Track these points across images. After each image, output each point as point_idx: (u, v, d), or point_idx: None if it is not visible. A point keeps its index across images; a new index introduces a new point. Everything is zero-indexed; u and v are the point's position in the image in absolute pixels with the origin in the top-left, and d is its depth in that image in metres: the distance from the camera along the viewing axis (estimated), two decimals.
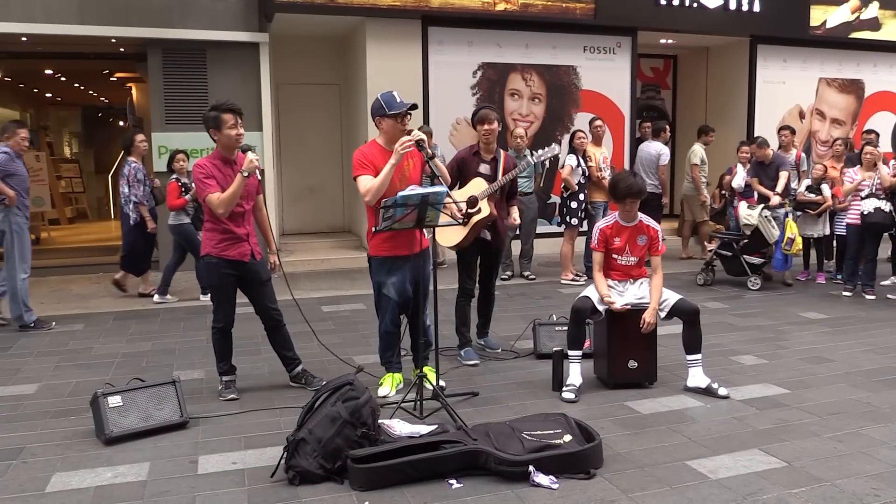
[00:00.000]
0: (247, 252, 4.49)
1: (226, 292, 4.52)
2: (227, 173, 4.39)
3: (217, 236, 4.42)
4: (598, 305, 4.62)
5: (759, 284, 7.96)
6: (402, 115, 4.41)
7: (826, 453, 3.71)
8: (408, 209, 4.00)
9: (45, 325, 6.55)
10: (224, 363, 4.64)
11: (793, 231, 7.93)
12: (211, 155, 4.47)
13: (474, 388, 4.70)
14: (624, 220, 4.74)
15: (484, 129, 5.19)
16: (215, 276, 4.49)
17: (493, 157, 5.26)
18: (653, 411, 4.32)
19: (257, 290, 4.60)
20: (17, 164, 6.45)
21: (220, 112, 4.34)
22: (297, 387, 4.75)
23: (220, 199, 4.29)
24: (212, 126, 4.37)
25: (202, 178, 4.31)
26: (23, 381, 5.03)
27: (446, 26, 9.74)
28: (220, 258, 4.43)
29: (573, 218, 8.21)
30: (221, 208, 4.31)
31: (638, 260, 4.76)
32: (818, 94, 12.17)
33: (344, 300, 7.53)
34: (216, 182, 4.32)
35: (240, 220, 4.45)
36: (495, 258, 5.48)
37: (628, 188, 4.60)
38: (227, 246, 4.43)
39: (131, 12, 8.79)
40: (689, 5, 10.45)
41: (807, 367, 5.19)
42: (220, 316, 4.54)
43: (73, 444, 3.91)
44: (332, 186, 11.38)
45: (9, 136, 6.41)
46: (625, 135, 10.89)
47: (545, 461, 3.43)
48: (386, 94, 4.45)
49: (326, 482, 3.40)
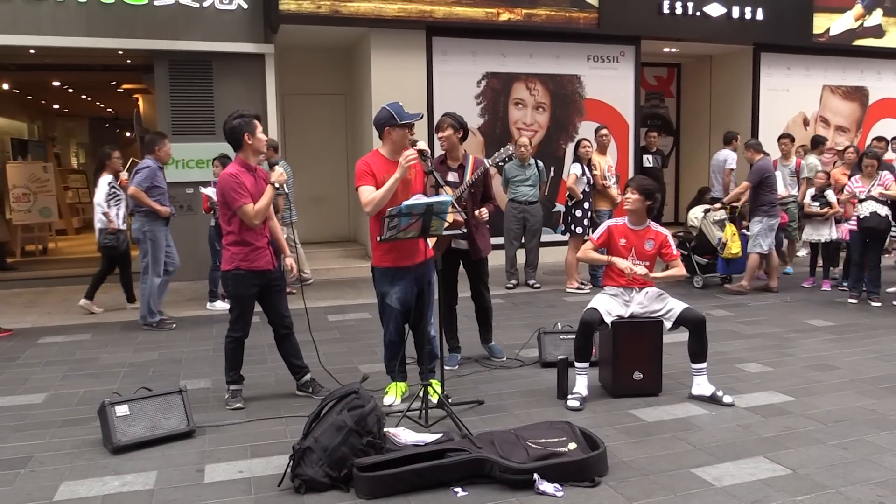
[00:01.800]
0: (269, 260, 4.57)
1: (249, 303, 4.58)
2: (251, 182, 4.43)
3: (244, 249, 4.45)
4: (606, 317, 4.64)
5: (701, 283, 8.46)
6: (412, 125, 4.44)
7: (831, 461, 3.71)
8: (412, 218, 4.02)
9: (167, 324, 6.91)
10: (234, 372, 4.67)
11: (727, 236, 8.15)
12: (235, 163, 4.49)
13: (479, 396, 4.71)
14: (632, 223, 4.76)
15: (438, 136, 5.19)
16: (242, 287, 4.51)
17: (459, 164, 5.20)
18: (657, 419, 4.32)
19: (275, 297, 4.64)
20: (160, 175, 6.92)
21: (252, 117, 4.41)
22: (303, 395, 4.78)
23: (256, 210, 4.37)
24: (246, 130, 4.39)
25: (236, 188, 4.33)
26: (31, 390, 5.06)
27: (450, 36, 9.80)
28: (249, 270, 4.47)
29: (578, 226, 8.22)
30: (257, 219, 4.39)
31: (646, 266, 4.71)
32: (822, 101, 12.18)
33: (350, 309, 7.56)
34: (247, 191, 4.36)
35: (261, 231, 4.52)
36: (477, 268, 5.38)
37: (632, 179, 4.80)
38: (255, 257, 4.48)
39: (138, 24, 8.87)
40: (693, 14, 10.49)
41: (812, 374, 5.19)
42: (240, 325, 4.58)
43: (81, 452, 3.94)
44: (338, 196, 11.43)
45: (158, 147, 6.90)
46: (629, 143, 10.92)
47: (550, 469, 3.44)
48: (393, 103, 4.46)
49: (332, 490, 3.41)
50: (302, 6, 8.88)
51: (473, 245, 5.25)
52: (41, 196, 11.93)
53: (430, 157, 4.38)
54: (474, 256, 5.31)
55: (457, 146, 5.18)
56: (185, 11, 9.02)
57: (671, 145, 13.56)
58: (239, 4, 9.21)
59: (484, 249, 5.34)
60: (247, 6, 9.25)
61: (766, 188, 7.91)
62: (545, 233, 9.15)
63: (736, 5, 10.71)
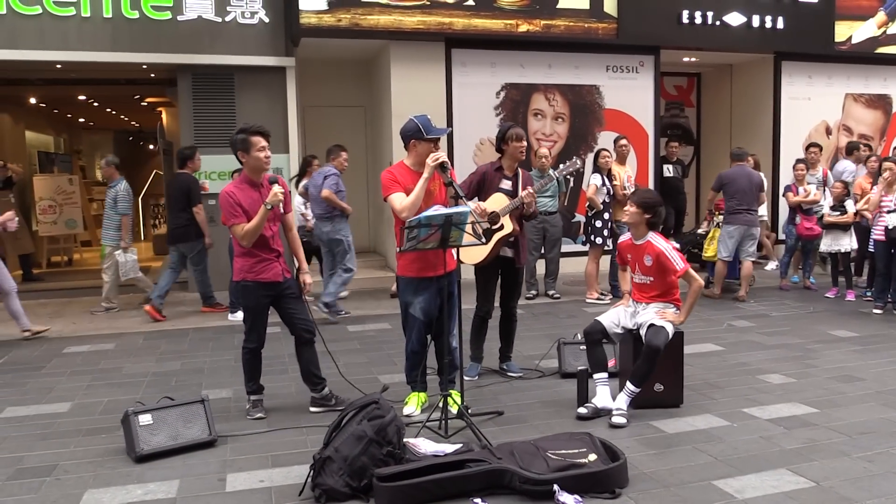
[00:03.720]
0: (279, 272, 4.54)
1: (261, 314, 4.58)
2: (254, 198, 4.44)
3: (249, 260, 4.48)
4: (611, 328, 4.64)
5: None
6: (437, 140, 4.47)
7: (856, 473, 3.66)
8: (431, 229, 4.04)
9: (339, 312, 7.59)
10: (252, 383, 4.68)
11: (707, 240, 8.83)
12: (238, 179, 4.55)
13: (499, 407, 4.71)
14: (633, 237, 4.73)
15: (522, 146, 5.19)
16: (251, 298, 4.54)
17: (514, 174, 5.29)
18: (679, 430, 4.29)
19: (292, 303, 4.62)
20: (341, 181, 7.60)
21: (248, 134, 4.40)
22: (316, 412, 4.69)
23: (245, 231, 4.37)
24: (240, 148, 4.42)
25: (229, 208, 4.38)
26: (56, 399, 5.14)
27: (469, 48, 9.84)
28: (255, 282, 4.49)
29: (598, 237, 8.20)
30: (245, 240, 4.39)
31: (651, 281, 4.61)
32: (844, 109, 12.06)
33: (369, 320, 7.58)
34: (242, 211, 4.38)
35: (269, 243, 4.51)
36: (516, 276, 5.40)
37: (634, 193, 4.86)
38: (262, 269, 4.49)
39: (162, 39, 9.01)
40: (712, 23, 10.45)
41: (836, 385, 5.12)
42: (254, 336, 4.60)
43: (105, 461, 3.99)
44: (358, 207, 11.44)
45: (334, 157, 7.65)
46: (649, 153, 10.88)
47: (570, 480, 3.43)
48: (421, 116, 4.49)
49: (352, 500, 3.42)
50: (323, 20, 8.98)
51: (518, 252, 5.28)
52: (67, 208, 12.12)
53: (450, 169, 4.41)
54: (522, 262, 5.35)
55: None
56: (208, 26, 9.15)
57: (691, 155, 13.49)
58: (261, 19, 9.33)
59: (526, 255, 5.44)
60: (268, 20, 9.36)
61: (727, 196, 8.24)
62: (565, 243, 9.13)
63: (756, 14, 10.65)
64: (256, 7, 9.30)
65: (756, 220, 8.29)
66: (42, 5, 8.60)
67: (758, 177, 8.41)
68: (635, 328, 4.61)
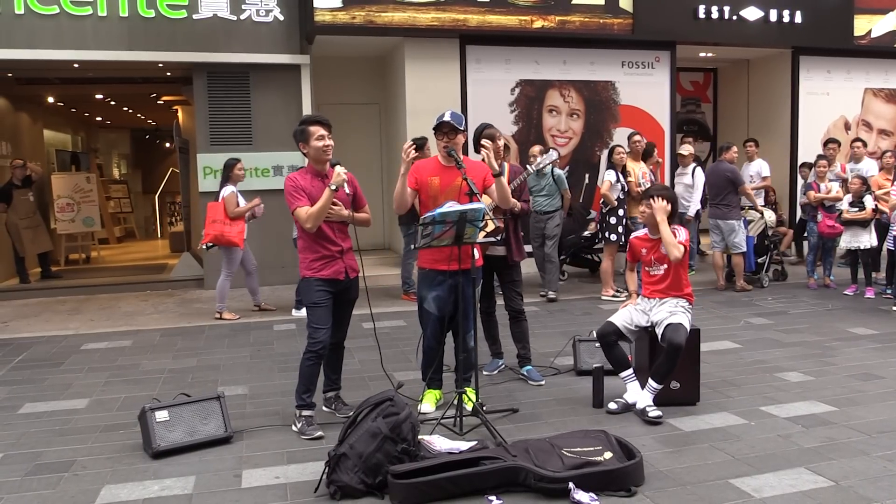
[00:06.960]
0: (341, 270, 4.34)
1: (325, 313, 4.28)
2: (318, 187, 4.27)
3: (310, 255, 4.31)
4: (624, 328, 4.62)
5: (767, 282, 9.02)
6: (446, 132, 4.48)
7: (876, 473, 3.62)
8: (446, 226, 4.03)
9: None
10: (308, 394, 4.28)
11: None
12: (303, 169, 4.41)
13: (514, 404, 4.70)
14: (651, 231, 4.71)
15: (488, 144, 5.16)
16: (313, 295, 4.29)
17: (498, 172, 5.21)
18: (695, 428, 4.26)
19: (343, 309, 4.49)
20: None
21: (306, 125, 4.32)
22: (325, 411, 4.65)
23: (309, 213, 4.17)
24: (300, 140, 4.34)
25: (292, 191, 4.24)
26: (74, 395, 5.18)
27: (484, 45, 9.81)
28: (315, 278, 4.29)
29: (612, 234, 8.16)
30: (309, 222, 4.18)
31: (665, 269, 4.59)
32: (864, 104, 11.91)
33: (385, 317, 7.58)
34: (306, 195, 4.25)
35: (331, 237, 4.33)
36: (511, 273, 5.30)
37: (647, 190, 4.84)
38: (322, 265, 4.30)
39: (178, 38, 9.06)
40: (729, 18, 10.35)
41: (855, 384, 5.07)
42: (319, 337, 4.25)
43: (122, 457, 4.02)
44: (373, 203, 11.31)
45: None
46: (665, 149, 10.80)
47: (585, 478, 3.41)
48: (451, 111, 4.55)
49: (367, 497, 3.43)
50: (337, 17, 8.98)
51: (510, 249, 5.24)
52: (84, 206, 12.23)
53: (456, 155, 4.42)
54: (510, 260, 5.28)
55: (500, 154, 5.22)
56: (224, 24, 9.18)
57: (708, 151, 13.39)
58: (275, 17, 9.35)
59: (519, 253, 5.32)
60: (283, 18, 9.39)
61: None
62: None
63: (773, 8, 10.53)
64: (271, 5, 9.32)
65: (724, 213, 8.57)
66: (59, 5, 8.67)
67: (727, 171, 8.64)
68: (650, 326, 4.58)
